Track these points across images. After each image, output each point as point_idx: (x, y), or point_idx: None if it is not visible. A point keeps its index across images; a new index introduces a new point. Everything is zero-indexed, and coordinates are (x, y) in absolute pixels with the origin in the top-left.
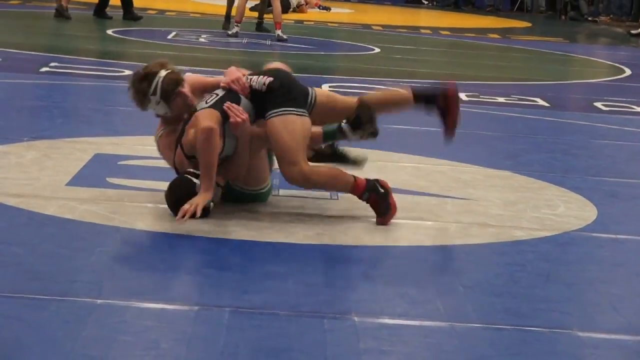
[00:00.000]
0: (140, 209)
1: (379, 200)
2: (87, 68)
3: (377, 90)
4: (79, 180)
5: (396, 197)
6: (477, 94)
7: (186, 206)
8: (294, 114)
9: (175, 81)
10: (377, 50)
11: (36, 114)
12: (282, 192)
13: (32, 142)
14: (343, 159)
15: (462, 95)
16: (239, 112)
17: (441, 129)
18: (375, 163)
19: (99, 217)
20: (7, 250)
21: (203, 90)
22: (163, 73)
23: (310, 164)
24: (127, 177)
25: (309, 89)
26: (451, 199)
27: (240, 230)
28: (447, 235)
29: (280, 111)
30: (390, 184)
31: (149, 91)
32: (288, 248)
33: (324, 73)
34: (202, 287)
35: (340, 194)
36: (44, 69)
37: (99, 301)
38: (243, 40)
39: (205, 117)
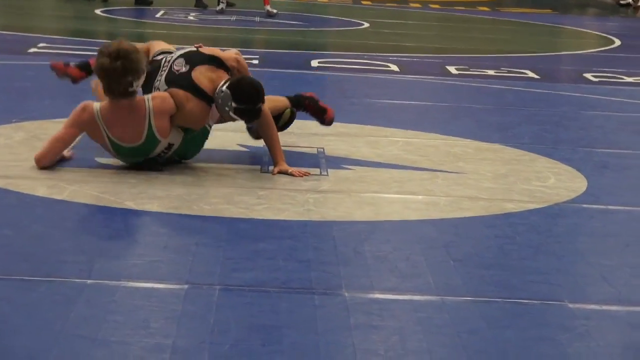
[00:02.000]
0: (129, 188)
1: (312, 104)
2: (76, 48)
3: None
4: (67, 161)
5: (387, 172)
6: (466, 67)
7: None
8: None
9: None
10: (366, 25)
11: (25, 95)
12: (271, 168)
13: (21, 124)
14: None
15: (452, 69)
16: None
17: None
18: (365, 138)
19: (89, 197)
20: None
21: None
22: (138, 55)
23: None
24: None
25: None
26: (442, 173)
27: (229, 207)
28: (437, 209)
29: None
30: (381, 159)
31: (136, 75)
32: (278, 225)
33: (314, 49)
34: (192, 265)
35: (329, 170)
36: (32, 50)
37: (89, 281)
38: (232, 18)
39: None
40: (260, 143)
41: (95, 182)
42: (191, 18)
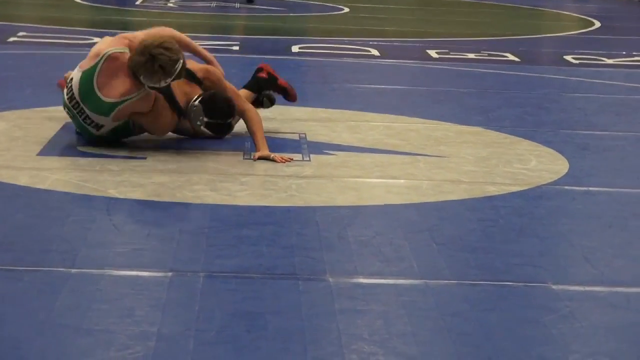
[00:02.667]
0: (112, 176)
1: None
2: (56, 37)
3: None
4: (50, 149)
5: (368, 157)
6: (447, 50)
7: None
8: None
9: (185, 68)
10: (346, 10)
11: (5, 85)
12: (253, 154)
13: (2, 113)
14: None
15: (432, 53)
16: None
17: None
18: (347, 123)
19: (71, 186)
20: None
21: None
22: (182, 59)
23: None
24: (98, 145)
25: None
26: (423, 157)
27: (212, 194)
28: (419, 193)
29: None
30: (362, 143)
31: (171, 74)
32: (261, 211)
33: (295, 34)
34: (175, 253)
35: (311, 155)
36: (11, 39)
37: (73, 270)
38: (212, 4)
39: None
40: (242, 130)
41: (78, 170)
42: (171, 5)
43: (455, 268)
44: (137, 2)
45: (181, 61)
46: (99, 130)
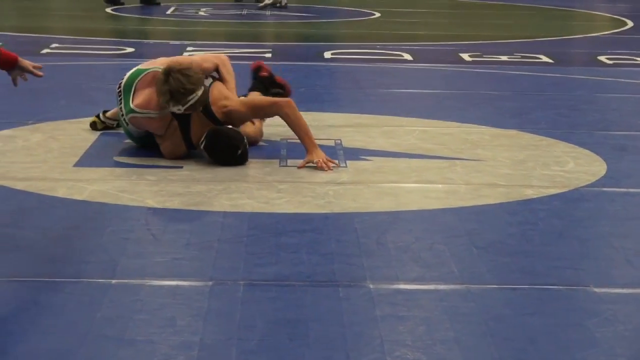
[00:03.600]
0: (149, 186)
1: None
2: (89, 47)
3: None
4: (86, 160)
5: (404, 162)
6: (479, 53)
7: (324, 164)
8: None
9: (203, 102)
10: (377, 14)
11: (39, 96)
12: (290, 162)
13: (38, 125)
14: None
15: (465, 56)
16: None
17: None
18: (382, 128)
19: (109, 196)
20: (19, 234)
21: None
22: (199, 93)
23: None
24: (134, 155)
25: None
26: (460, 161)
27: (249, 202)
28: (457, 197)
29: None
30: (398, 148)
31: (181, 102)
32: (299, 218)
33: (327, 40)
34: (215, 261)
35: (347, 162)
36: (45, 51)
37: (113, 281)
38: (243, 12)
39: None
40: (278, 137)
41: (115, 181)
42: (202, 13)
43: (496, 272)
44: (168, 12)
45: (197, 93)
46: (128, 125)
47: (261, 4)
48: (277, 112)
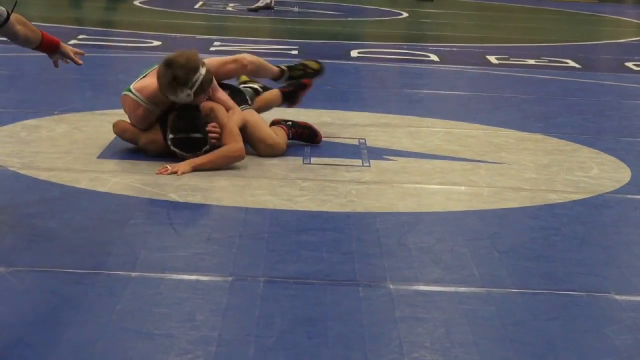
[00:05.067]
0: (171, 180)
1: (299, 129)
2: (116, 40)
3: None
4: (110, 152)
5: (429, 163)
6: (506, 56)
7: (169, 168)
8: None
9: (210, 81)
10: (405, 14)
11: (66, 87)
12: (313, 160)
13: (63, 116)
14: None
15: (492, 58)
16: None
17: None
18: (406, 128)
19: (131, 189)
20: (41, 225)
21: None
22: (203, 71)
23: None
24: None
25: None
26: (484, 163)
27: (272, 199)
28: (480, 200)
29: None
30: (422, 149)
31: (188, 84)
32: (321, 216)
33: (353, 39)
34: (236, 257)
35: (371, 161)
36: (72, 42)
37: (133, 274)
38: (272, 9)
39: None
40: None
41: (138, 173)
42: (230, 9)
43: (517, 276)
44: (196, 6)
45: (201, 72)
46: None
47: (252, 7)
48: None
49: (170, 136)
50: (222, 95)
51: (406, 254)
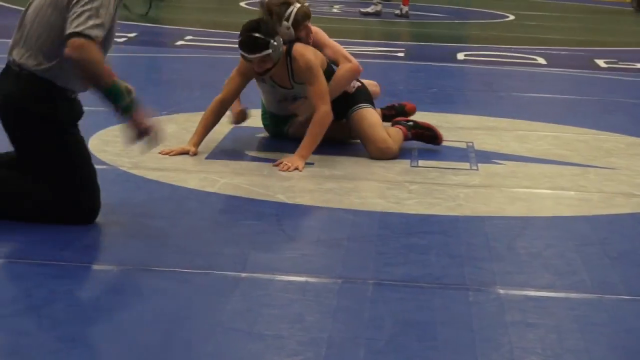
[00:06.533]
0: (280, 181)
1: (419, 130)
2: (223, 41)
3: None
4: (218, 153)
5: (537, 167)
6: (615, 60)
7: (288, 163)
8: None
9: (306, 14)
10: (511, 17)
11: (174, 87)
12: (421, 163)
13: (171, 116)
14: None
15: (600, 62)
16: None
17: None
18: (514, 132)
19: (240, 190)
20: (151, 224)
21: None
22: (297, 5)
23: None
24: (266, 149)
25: None
26: (593, 168)
27: (380, 201)
28: (590, 205)
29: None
30: (531, 153)
31: (284, 16)
32: (429, 219)
33: (460, 42)
34: (345, 259)
35: (479, 165)
36: (179, 43)
37: (243, 274)
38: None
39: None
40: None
41: (246, 174)
42: (335, 10)
43: (629, 283)
44: None
45: (294, 5)
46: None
47: (363, 10)
48: (316, 105)
49: (239, 39)
50: (333, 45)
51: (516, 259)
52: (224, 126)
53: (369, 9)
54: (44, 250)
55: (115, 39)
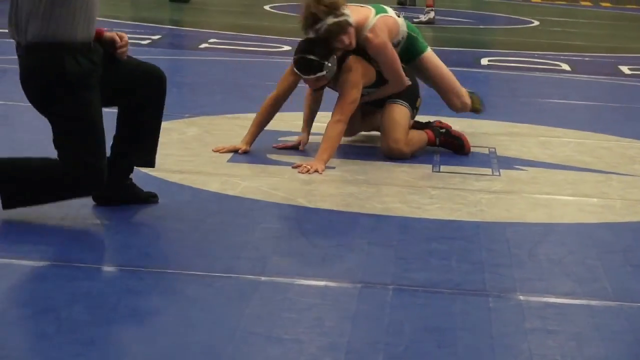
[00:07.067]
0: (301, 185)
1: (449, 139)
2: (246, 44)
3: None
4: (240, 156)
5: (560, 173)
6: None
7: (307, 166)
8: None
9: (339, 27)
10: (536, 23)
11: (196, 90)
12: (443, 168)
13: (193, 119)
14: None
15: (625, 69)
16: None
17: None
18: (538, 138)
19: (261, 193)
20: (171, 227)
21: None
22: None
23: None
24: (287, 153)
25: None
26: (616, 175)
27: (401, 206)
28: (613, 213)
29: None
30: (553, 160)
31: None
32: (450, 225)
33: (484, 47)
34: (364, 264)
35: (501, 170)
36: (203, 45)
37: (262, 278)
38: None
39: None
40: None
41: (267, 178)
42: None
43: None
44: None
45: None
46: None
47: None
48: (344, 101)
49: (294, 57)
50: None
51: (537, 265)
52: (246, 129)
53: (421, 18)
54: (64, 252)
55: (139, 41)
